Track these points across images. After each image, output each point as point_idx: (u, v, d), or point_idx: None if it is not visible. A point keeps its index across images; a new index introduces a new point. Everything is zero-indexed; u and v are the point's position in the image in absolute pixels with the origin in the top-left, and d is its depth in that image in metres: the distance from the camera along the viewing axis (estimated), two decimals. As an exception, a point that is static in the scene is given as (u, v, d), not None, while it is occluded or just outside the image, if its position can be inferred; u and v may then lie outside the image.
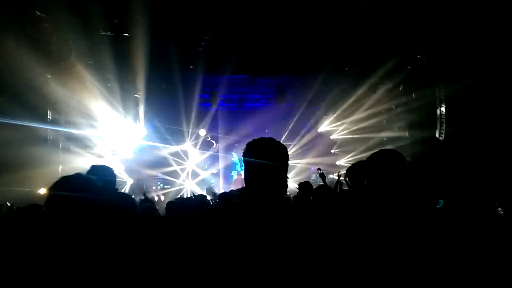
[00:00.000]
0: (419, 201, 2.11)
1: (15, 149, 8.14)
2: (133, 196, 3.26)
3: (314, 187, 4.56)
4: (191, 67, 10.50)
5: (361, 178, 2.43)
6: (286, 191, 1.81)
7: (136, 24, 8.25)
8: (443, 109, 9.67)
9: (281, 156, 1.80)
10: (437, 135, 9.74)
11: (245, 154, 1.80)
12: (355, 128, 13.38)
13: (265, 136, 1.86)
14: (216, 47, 9.71)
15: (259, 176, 1.75)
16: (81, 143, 11.38)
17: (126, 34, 9.00)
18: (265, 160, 1.74)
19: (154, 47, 9.29)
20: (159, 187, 15.60)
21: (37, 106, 9.28)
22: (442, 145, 9.09)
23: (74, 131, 11.10)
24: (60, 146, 10.74)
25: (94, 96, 10.74)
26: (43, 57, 8.34)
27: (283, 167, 1.80)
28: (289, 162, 1.85)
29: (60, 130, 10.75)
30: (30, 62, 7.93)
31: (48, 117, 10.34)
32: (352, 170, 3.16)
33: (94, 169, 2.92)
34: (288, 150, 1.89)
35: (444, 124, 9.67)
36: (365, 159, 2.21)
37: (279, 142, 1.84)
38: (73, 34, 8.69)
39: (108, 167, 3.02)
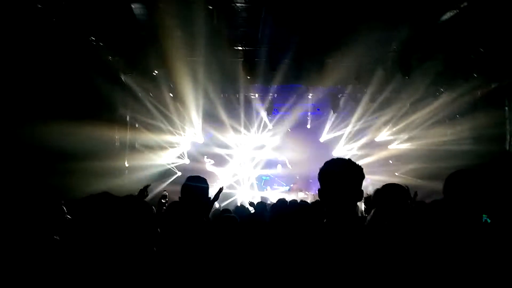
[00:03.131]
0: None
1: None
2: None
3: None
4: (248, 77, 10.68)
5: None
6: (360, 200, 2.04)
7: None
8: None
9: (358, 173, 2.05)
10: (507, 147, 9.11)
11: (324, 170, 2.05)
12: (415, 139, 12.96)
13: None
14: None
15: (338, 189, 1.99)
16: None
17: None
18: (344, 176, 2.01)
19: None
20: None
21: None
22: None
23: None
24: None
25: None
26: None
27: (359, 181, 2.04)
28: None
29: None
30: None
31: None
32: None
33: (191, 178, 3.21)
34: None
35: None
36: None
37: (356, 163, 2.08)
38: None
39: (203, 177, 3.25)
